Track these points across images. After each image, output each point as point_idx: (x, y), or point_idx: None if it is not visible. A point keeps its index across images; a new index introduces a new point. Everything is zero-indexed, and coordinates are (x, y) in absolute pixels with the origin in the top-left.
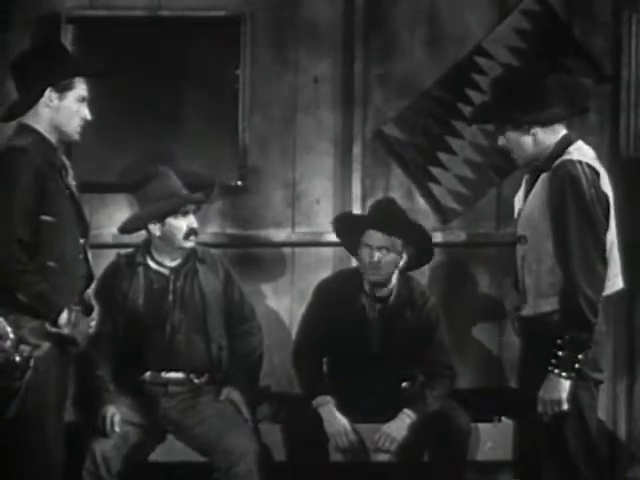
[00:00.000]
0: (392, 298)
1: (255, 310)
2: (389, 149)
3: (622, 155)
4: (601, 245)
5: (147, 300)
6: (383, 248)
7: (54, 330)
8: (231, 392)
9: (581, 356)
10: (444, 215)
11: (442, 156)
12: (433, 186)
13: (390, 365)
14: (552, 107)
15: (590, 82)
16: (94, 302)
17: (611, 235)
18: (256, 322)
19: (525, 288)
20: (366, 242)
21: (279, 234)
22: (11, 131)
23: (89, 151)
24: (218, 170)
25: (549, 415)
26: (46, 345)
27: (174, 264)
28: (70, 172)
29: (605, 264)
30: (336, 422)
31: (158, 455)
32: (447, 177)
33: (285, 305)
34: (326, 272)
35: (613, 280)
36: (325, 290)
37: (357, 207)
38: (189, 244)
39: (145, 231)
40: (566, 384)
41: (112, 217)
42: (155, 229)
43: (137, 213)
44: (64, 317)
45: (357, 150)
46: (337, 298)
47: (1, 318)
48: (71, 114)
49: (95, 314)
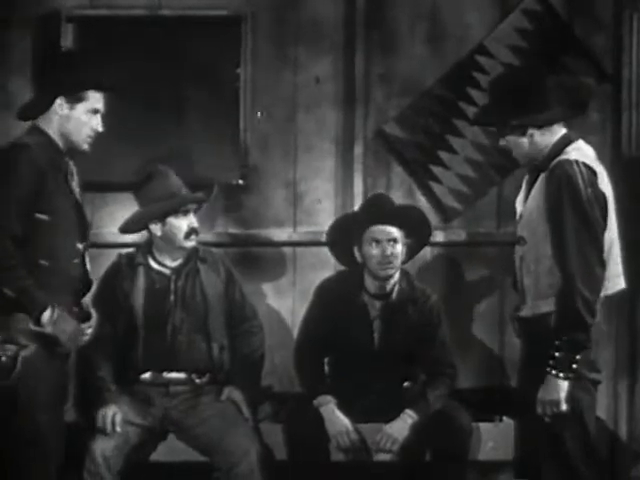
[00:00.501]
0: (394, 295)
1: (256, 310)
2: (390, 148)
3: (624, 154)
4: (599, 246)
5: (148, 300)
6: (391, 240)
7: (36, 328)
8: (232, 392)
9: (579, 357)
10: (445, 214)
11: (443, 155)
12: (434, 185)
13: (392, 364)
14: (550, 108)
15: (592, 81)
16: (92, 310)
17: (611, 234)
18: (257, 322)
19: (524, 289)
20: (374, 237)
21: (280, 233)
22: (23, 131)
23: (90, 150)
24: (219, 169)
25: (548, 416)
26: (34, 345)
27: (175, 264)
28: (76, 178)
29: (603, 265)
30: (337, 422)
31: (159, 455)
32: (448, 176)
33: (286, 305)
34: (328, 271)
35: (614, 280)
36: (326, 290)
37: (358, 206)
38: (190, 244)
39: (146, 231)
40: (564, 385)
41: (113, 216)
42: (156, 229)
43: (137, 213)
44: (46, 315)
45: (358, 149)
46: (338, 297)
47: None
48: (80, 125)
49: (93, 321)
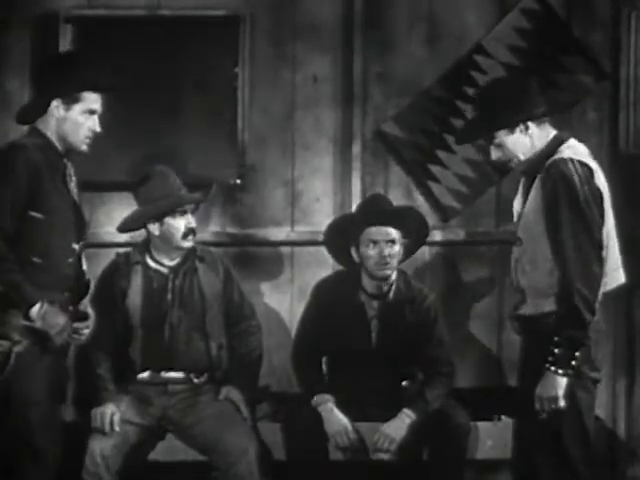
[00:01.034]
0: (391, 295)
1: (255, 309)
2: (389, 148)
3: (622, 152)
4: (597, 244)
5: (146, 299)
6: (389, 241)
7: (26, 323)
8: (230, 391)
9: (578, 354)
10: (443, 213)
11: (441, 154)
12: (432, 184)
13: (389, 363)
14: (540, 105)
15: (589, 79)
16: (90, 309)
17: (608, 229)
18: (255, 321)
19: (522, 288)
20: (371, 238)
21: (278, 233)
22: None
23: (88, 150)
24: (217, 168)
25: (546, 412)
26: (26, 341)
27: (173, 263)
28: (73, 179)
29: (601, 263)
30: (336, 421)
31: (158, 454)
32: (446, 175)
33: (285, 304)
34: (326, 271)
35: (612, 275)
36: (323, 290)
37: (357, 205)
38: (187, 244)
39: (144, 230)
40: (562, 381)
41: (111, 216)
42: (154, 228)
43: (136, 212)
44: (35, 309)
45: (356, 148)
46: (335, 297)
47: None
48: (77, 126)
49: (91, 321)
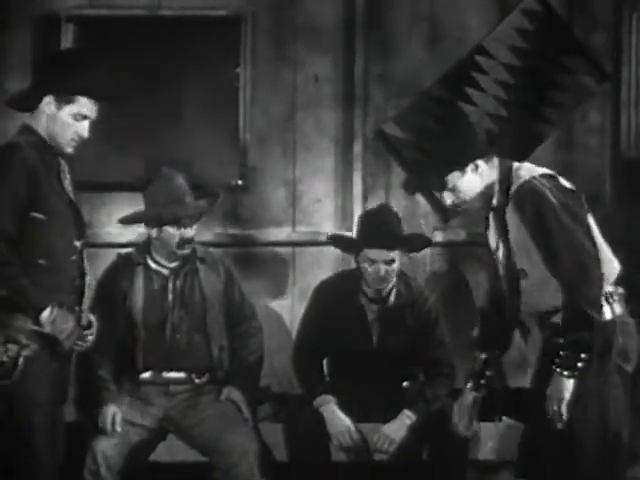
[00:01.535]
0: (392, 298)
1: (255, 310)
2: (390, 148)
3: (623, 154)
4: (589, 244)
5: (147, 300)
6: (388, 261)
7: (35, 328)
8: (232, 392)
9: (584, 355)
10: (444, 214)
11: None
12: None
13: (391, 365)
14: (486, 142)
15: (591, 80)
16: (92, 316)
17: (591, 224)
18: (256, 322)
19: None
20: (369, 257)
21: (279, 233)
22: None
23: (89, 150)
24: (218, 169)
25: (553, 413)
26: (35, 345)
27: (173, 264)
28: (68, 177)
29: (598, 263)
30: (338, 421)
31: (159, 455)
32: None
33: (286, 305)
34: (327, 271)
35: (608, 266)
36: (323, 292)
37: (358, 206)
38: (183, 252)
39: (145, 229)
40: (569, 383)
41: (111, 216)
42: (152, 232)
43: (138, 213)
44: (45, 314)
45: (358, 149)
46: (336, 300)
47: None
48: (65, 127)
49: (94, 329)
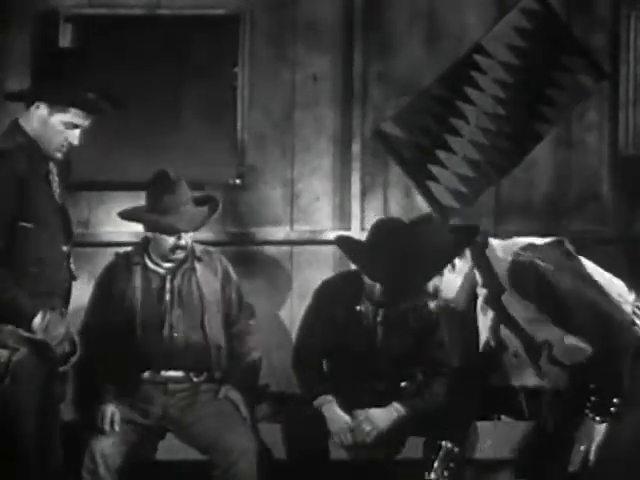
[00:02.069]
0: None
1: (254, 308)
2: (388, 148)
3: (621, 152)
4: (595, 294)
5: (145, 299)
6: None
7: (27, 334)
8: (229, 390)
9: (616, 400)
10: (443, 213)
11: (441, 154)
12: (432, 184)
13: (391, 366)
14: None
15: (590, 79)
16: (77, 339)
17: (591, 270)
18: (255, 321)
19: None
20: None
21: (278, 232)
22: (5, 127)
23: (87, 149)
24: (217, 168)
25: (580, 455)
26: (24, 350)
27: (170, 265)
28: (56, 179)
29: (611, 303)
30: (339, 419)
31: (158, 453)
32: (446, 175)
33: (284, 303)
34: (325, 270)
35: (624, 299)
36: (325, 294)
37: (356, 205)
38: (176, 257)
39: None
40: (600, 428)
41: (110, 215)
42: (148, 233)
43: (139, 214)
44: (37, 321)
45: (356, 148)
46: (338, 302)
47: None
48: (54, 133)
49: (76, 356)
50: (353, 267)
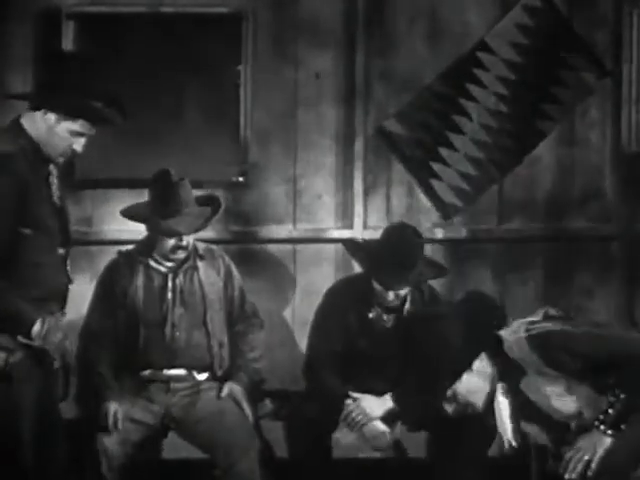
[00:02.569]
0: (407, 306)
1: (256, 307)
2: (391, 145)
3: (623, 150)
4: (613, 332)
5: (147, 297)
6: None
7: (25, 341)
8: (232, 389)
9: (632, 416)
10: (445, 211)
11: (443, 152)
12: (434, 182)
13: (403, 370)
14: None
15: (592, 77)
16: (70, 361)
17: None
18: (257, 319)
19: None
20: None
21: (280, 230)
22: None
23: (91, 147)
24: (219, 166)
25: (579, 463)
26: (21, 351)
27: (173, 263)
28: (55, 181)
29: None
30: (373, 425)
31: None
32: (448, 173)
33: (287, 302)
34: (328, 268)
35: None
36: (336, 299)
37: (359, 203)
38: (177, 257)
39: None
40: (607, 441)
41: (113, 213)
42: (150, 233)
43: (141, 214)
44: (36, 329)
45: (359, 146)
46: (349, 308)
47: None
48: (59, 140)
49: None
50: (358, 270)
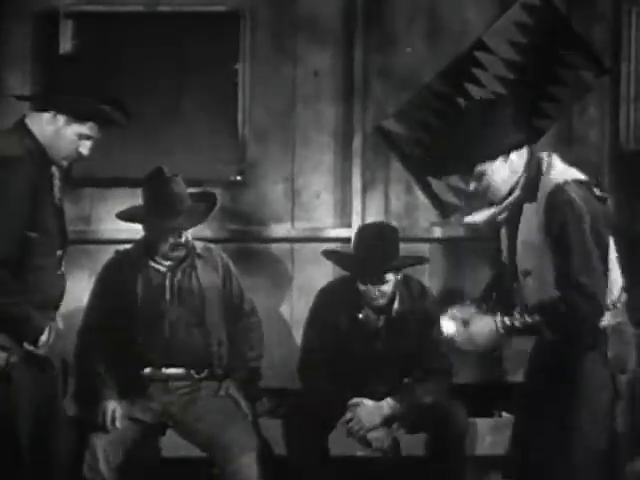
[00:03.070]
0: (395, 305)
1: (255, 306)
2: (389, 143)
3: (622, 148)
4: (600, 268)
5: (145, 296)
6: (382, 284)
7: (31, 348)
8: (231, 387)
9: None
10: (443, 209)
11: None
12: (433, 180)
13: (394, 367)
14: (522, 134)
15: (590, 75)
16: (68, 359)
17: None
18: (256, 318)
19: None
20: (363, 282)
21: (279, 229)
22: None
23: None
24: (217, 164)
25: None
26: (22, 355)
27: (171, 262)
28: (58, 183)
29: (603, 289)
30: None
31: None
32: None
33: (285, 300)
34: (326, 267)
35: (614, 286)
36: (326, 300)
37: (357, 201)
38: (175, 254)
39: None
40: (491, 325)
41: (112, 212)
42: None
43: (137, 215)
44: (44, 338)
45: (357, 144)
46: (340, 309)
47: None
48: (66, 142)
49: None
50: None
